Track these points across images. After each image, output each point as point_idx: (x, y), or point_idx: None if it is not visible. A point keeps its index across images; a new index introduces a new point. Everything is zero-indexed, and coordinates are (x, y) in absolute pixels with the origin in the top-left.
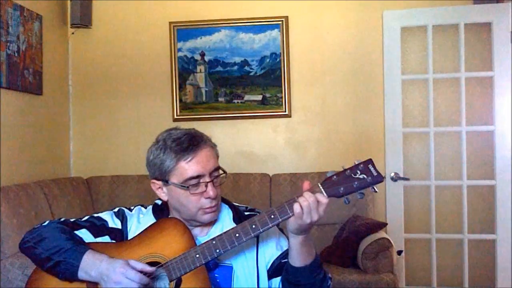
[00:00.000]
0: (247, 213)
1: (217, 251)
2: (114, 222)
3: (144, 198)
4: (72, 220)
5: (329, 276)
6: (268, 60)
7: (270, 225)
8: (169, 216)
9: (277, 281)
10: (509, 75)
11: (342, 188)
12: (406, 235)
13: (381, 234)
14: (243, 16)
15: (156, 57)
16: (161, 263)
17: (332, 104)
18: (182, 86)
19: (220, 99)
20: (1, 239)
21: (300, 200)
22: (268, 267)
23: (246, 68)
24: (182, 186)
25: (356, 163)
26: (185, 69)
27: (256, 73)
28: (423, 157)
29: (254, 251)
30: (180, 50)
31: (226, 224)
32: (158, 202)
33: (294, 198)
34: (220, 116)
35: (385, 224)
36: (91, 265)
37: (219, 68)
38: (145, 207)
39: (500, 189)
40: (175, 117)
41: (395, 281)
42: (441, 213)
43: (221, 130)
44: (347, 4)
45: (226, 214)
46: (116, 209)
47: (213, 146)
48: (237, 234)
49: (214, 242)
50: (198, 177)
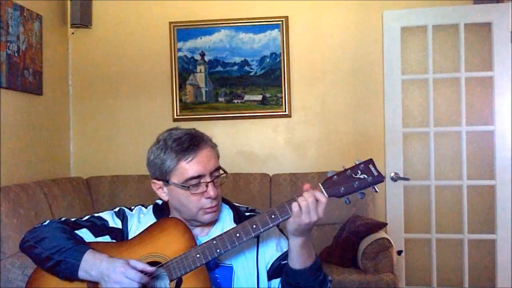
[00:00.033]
0: (248, 214)
1: (218, 251)
2: (115, 222)
3: (144, 198)
4: (73, 220)
5: (329, 279)
6: (268, 60)
7: (271, 225)
8: (170, 216)
9: (277, 282)
10: (509, 75)
11: (343, 188)
12: (406, 235)
13: (381, 234)
14: (243, 16)
15: (156, 57)
16: (162, 263)
17: (332, 104)
18: (182, 86)
19: (220, 99)
20: (1, 239)
21: (299, 200)
22: (268, 268)
23: (246, 68)
24: (183, 186)
25: (357, 163)
26: (185, 69)
27: (256, 73)
28: (423, 157)
29: (254, 252)
30: (180, 50)
31: (227, 224)
32: (159, 202)
33: (294, 198)
34: (220, 116)
35: (385, 224)
36: (92, 265)
37: (219, 68)
38: (146, 207)
39: (500, 189)
40: (175, 117)
41: (395, 281)
42: (441, 213)
43: (221, 130)
44: (347, 4)
45: (227, 214)
46: (117, 209)
47: (214, 146)
48: (238, 234)
49: (215, 242)
50: (199, 177)
